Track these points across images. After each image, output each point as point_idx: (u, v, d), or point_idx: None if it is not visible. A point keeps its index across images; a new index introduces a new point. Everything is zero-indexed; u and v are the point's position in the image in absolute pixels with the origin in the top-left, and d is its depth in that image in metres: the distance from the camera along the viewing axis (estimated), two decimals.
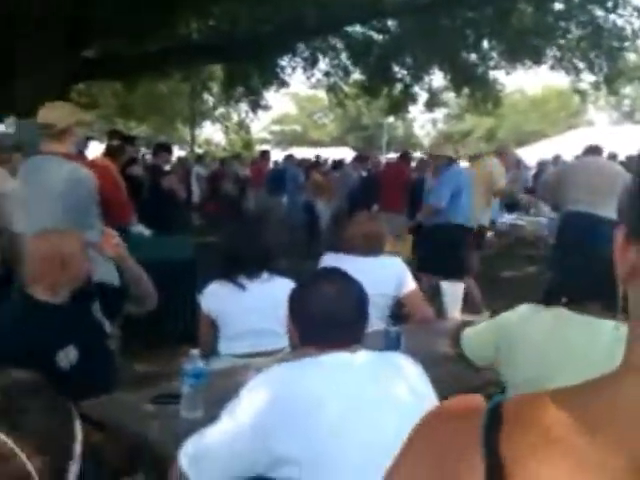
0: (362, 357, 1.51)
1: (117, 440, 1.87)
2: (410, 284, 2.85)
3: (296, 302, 1.62)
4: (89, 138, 5.02)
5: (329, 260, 2.88)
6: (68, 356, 2.16)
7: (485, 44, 10.14)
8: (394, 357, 1.61)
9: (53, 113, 3.14)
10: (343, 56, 10.96)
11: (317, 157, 14.13)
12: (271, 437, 1.36)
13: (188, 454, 1.44)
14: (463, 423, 0.51)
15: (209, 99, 17.55)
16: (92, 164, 3.40)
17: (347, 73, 11.20)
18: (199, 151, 18.56)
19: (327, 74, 11.22)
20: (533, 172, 12.11)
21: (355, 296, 1.58)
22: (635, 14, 9.06)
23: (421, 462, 0.52)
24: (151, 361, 3.99)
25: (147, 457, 1.81)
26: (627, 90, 25.00)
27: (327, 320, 1.53)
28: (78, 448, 1.11)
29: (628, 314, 0.52)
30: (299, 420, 1.37)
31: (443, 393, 1.57)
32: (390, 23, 10.12)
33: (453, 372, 2.24)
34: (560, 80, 23.04)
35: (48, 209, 3.00)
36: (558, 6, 9.21)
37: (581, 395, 0.48)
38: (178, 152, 15.16)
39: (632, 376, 0.47)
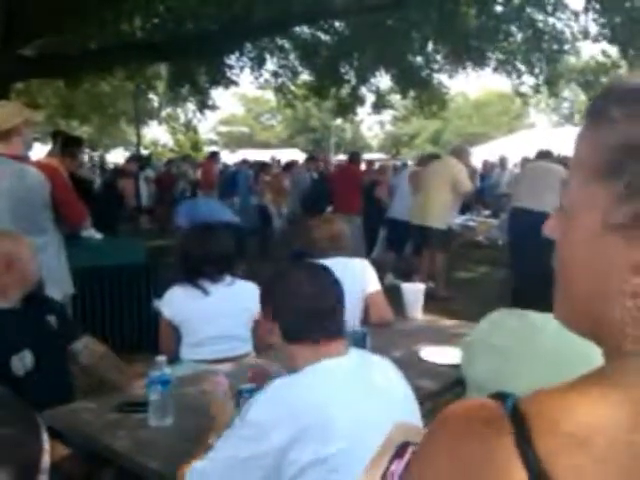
0: (358, 359, 1.50)
1: (81, 451, 1.80)
2: (373, 285, 2.86)
3: (278, 296, 1.52)
4: (34, 139, 4.84)
5: None
6: (23, 361, 2.07)
7: (430, 47, 10.28)
8: (377, 357, 1.60)
9: None
10: (292, 57, 10.92)
11: (272, 159, 14.01)
12: (289, 452, 1.31)
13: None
14: (490, 433, 0.47)
15: (154, 99, 17.19)
16: (40, 166, 3.25)
17: (295, 74, 11.16)
18: (145, 152, 18.17)
19: (275, 74, 11.15)
20: (479, 173, 12.39)
21: (334, 284, 1.53)
22: (573, 17, 9.36)
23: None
24: None
25: (114, 469, 1.74)
26: (566, 93, 25.86)
27: (314, 311, 1.46)
28: (47, 460, 1.06)
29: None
30: (315, 431, 1.32)
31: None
32: (338, 24, 10.15)
33: (419, 371, 2.26)
34: (501, 83, 23.67)
35: None
36: (499, 9, 9.42)
37: (598, 387, 0.47)
38: (124, 153, 14.80)
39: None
